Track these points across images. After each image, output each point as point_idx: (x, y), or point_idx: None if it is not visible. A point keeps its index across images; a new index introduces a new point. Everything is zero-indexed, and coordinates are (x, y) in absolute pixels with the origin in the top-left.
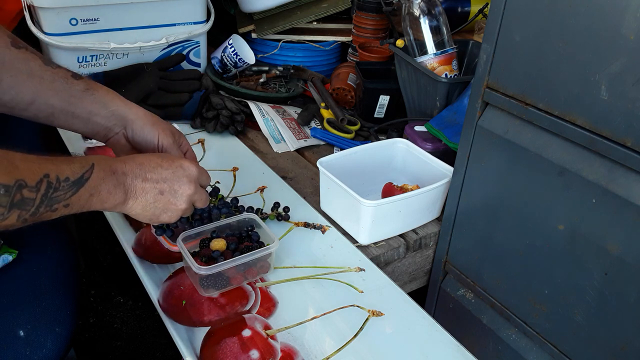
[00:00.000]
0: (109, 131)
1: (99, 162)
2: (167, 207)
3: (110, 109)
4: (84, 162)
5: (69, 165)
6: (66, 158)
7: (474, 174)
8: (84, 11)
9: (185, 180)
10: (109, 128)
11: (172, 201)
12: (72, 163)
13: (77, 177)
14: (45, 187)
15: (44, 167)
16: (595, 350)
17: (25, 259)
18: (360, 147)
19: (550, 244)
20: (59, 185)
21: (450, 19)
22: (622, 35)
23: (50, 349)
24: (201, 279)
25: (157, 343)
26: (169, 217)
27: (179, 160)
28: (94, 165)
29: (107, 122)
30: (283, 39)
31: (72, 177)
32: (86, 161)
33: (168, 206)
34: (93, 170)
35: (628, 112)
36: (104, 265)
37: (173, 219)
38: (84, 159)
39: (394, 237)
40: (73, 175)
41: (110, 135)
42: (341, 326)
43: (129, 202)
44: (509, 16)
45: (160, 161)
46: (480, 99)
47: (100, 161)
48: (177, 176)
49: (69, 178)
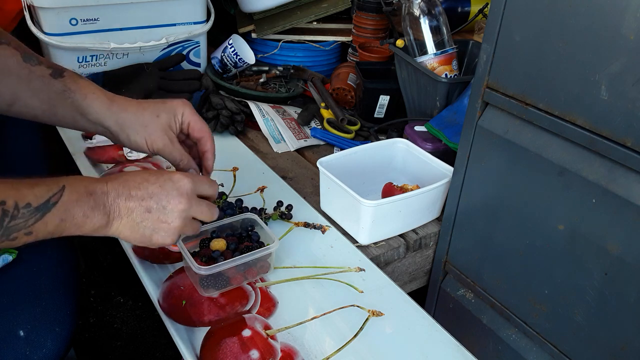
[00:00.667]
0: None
1: (73, 183)
2: (157, 226)
3: (90, 117)
4: (52, 185)
5: (31, 189)
6: (32, 181)
7: (474, 174)
8: (84, 11)
9: (176, 194)
10: (98, 132)
11: (162, 219)
12: (36, 186)
13: (42, 202)
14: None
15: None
16: (595, 350)
17: (25, 259)
18: (360, 147)
19: (550, 244)
20: (17, 213)
21: (450, 19)
22: (622, 35)
23: (50, 349)
24: (201, 279)
25: (157, 343)
26: (162, 237)
27: (169, 174)
28: (65, 187)
29: (93, 128)
30: (283, 39)
31: (34, 203)
32: (56, 183)
33: (158, 225)
34: (63, 193)
35: (628, 112)
36: (104, 265)
37: (168, 239)
38: (54, 181)
39: (394, 237)
40: (36, 201)
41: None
42: (341, 326)
43: (114, 223)
44: (509, 16)
45: (147, 176)
46: (480, 99)
47: (75, 182)
48: (166, 190)
49: (30, 204)
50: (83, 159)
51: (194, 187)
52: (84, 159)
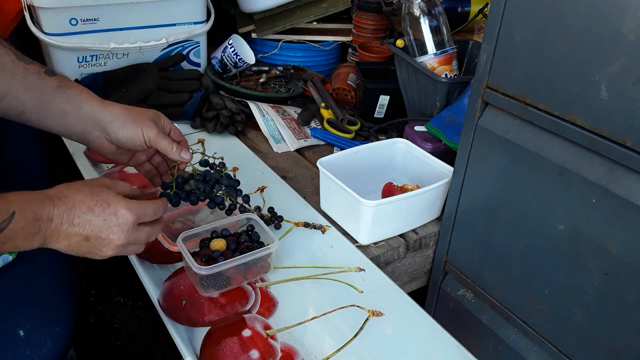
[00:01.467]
0: (87, 133)
1: (23, 209)
2: (91, 251)
3: (83, 110)
4: (2, 209)
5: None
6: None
7: (474, 174)
8: (84, 11)
9: (117, 229)
10: (86, 130)
11: (98, 247)
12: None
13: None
14: None
15: None
16: (595, 350)
17: (25, 259)
18: (360, 147)
19: (550, 244)
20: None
21: (450, 19)
22: (622, 35)
23: (50, 349)
24: (201, 279)
25: (157, 343)
26: (94, 256)
27: (115, 206)
28: (15, 214)
29: (82, 125)
30: (283, 39)
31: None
32: (6, 208)
33: (92, 250)
34: (12, 220)
35: (628, 112)
36: (104, 265)
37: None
38: (5, 204)
39: (394, 237)
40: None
41: (90, 138)
42: (341, 326)
43: (50, 244)
44: (509, 16)
45: (94, 205)
46: (480, 99)
47: (24, 207)
48: (107, 225)
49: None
50: (83, 159)
51: (136, 220)
52: (84, 159)
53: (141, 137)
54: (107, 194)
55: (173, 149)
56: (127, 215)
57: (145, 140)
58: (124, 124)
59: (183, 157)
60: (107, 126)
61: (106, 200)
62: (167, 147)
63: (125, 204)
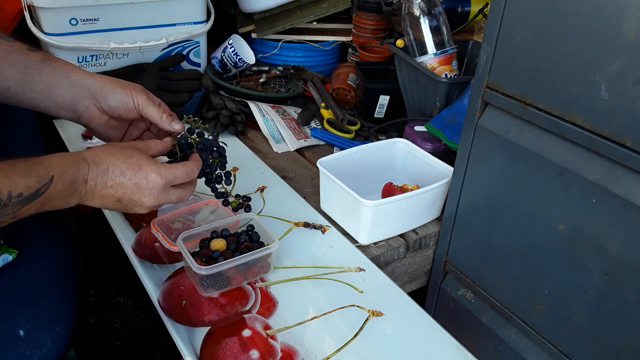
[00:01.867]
0: (76, 104)
1: (61, 173)
2: (125, 209)
3: (71, 79)
4: (42, 175)
5: (24, 180)
6: (24, 168)
7: (474, 174)
8: (84, 11)
9: (147, 192)
10: (75, 100)
11: (130, 207)
12: (29, 176)
13: (32, 192)
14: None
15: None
16: (595, 350)
17: (25, 258)
18: (360, 147)
19: (550, 244)
20: (9, 202)
21: (450, 19)
22: (622, 35)
23: (50, 349)
24: (201, 279)
25: (157, 343)
26: (129, 212)
27: (146, 170)
28: (54, 178)
29: (71, 94)
30: (283, 39)
31: (25, 193)
32: (46, 173)
33: (126, 209)
34: (51, 184)
35: (628, 112)
36: (104, 265)
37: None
38: (44, 169)
39: (394, 237)
40: (27, 191)
41: (80, 110)
42: (341, 326)
43: (85, 202)
44: (509, 16)
45: (126, 168)
46: (480, 99)
47: (63, 172)
48: (139, 188)
49: (22, 194)
50: None
51: (166, 184)
52: None
53: (131, 102)
54: (139, 157)
55: (163, 117)
56: (157, 179)
57: (135, 105)
58: (113, 89)
59: (174, 127)
60: (97, 92)
61: (138, 164)
62: (156, 115)
63: (156, 169)
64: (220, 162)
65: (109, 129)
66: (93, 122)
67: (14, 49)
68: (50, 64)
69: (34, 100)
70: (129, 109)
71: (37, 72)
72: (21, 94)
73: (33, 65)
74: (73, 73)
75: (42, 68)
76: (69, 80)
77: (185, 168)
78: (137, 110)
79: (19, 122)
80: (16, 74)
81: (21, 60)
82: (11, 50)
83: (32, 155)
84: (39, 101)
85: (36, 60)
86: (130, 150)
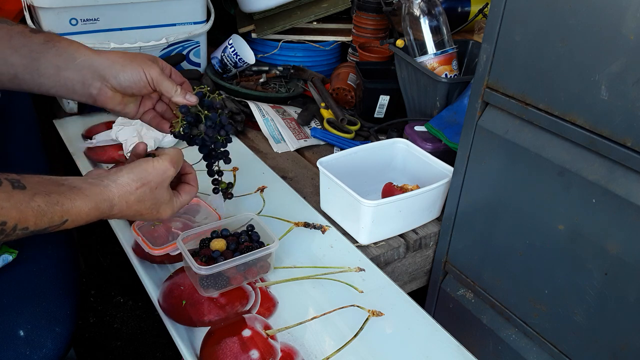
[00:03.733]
0: (88, 87)
1: (77, 219)
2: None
3: (78, 61)
4: (56, 218)
5: (36, 218)
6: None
7: (474, 174)
8: (84, 11)
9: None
10: (86, 83)
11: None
12: (43, 217)
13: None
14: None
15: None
16: (595, 350)
17: (25, 259)
18: (360, 147)
19: (550, 244)
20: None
21: (450, 19)
22: (622, 35)
23: (50, 349)
24: (201, 279)
25: (157, 343)
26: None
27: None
28: (67, 222)
29: (80, 77)
30: (283, 39)
31: (32, 228)
32: (60, 217)
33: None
34: (62, 226)
35: (628, 112)
36: (104, 265)
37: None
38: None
39: (394, 237)
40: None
41: (93, 93)
42: (341, 326)
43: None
44: (509, 16)
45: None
46: (480, 99)
47: (79, 218)
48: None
49: (28, 228)
50: (83, 159)
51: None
52: (84, 159)
53: (144, 78)
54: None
55: (177, 90)
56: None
57: (149, 81)
58: (123, 67)
59: (189, 100)
60: (106, 72)
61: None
62: (170, 88)
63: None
64: (226, 139)
65: (125, 105)
66: (109, 104)
67: (15, 33)
68: (54, 45)
69: (43, 85)
70: (142, 85)
71: (42, 56)
72: (30, 80)
73: (37, 49)
74: (79, 54)
75: (47, 51)
76: (76, 63)
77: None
78: (151, 85)
79: (19, 122)
80: (22, 60)
81: (25, 44)
82: (13, 34)
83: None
84: (49, 86)
85: (39, 43)
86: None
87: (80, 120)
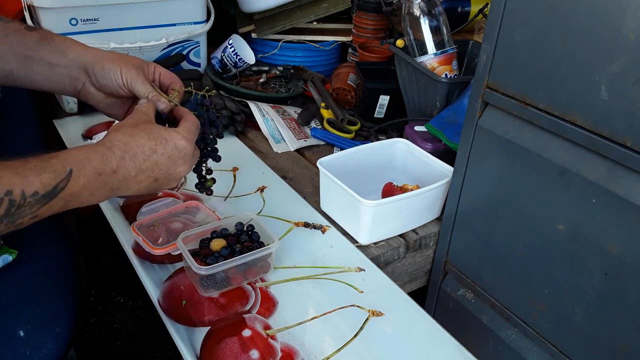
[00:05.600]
0: (75, 81)
1: (82, 165)
2: (159, 187)
3: (68, 57)
4: (59, 169)
5: (38, 177)
6: (38, 164)
7: (474, 174)
8: (84, 11)
9: (181, 162)
10: (75, 78)
11: (165, 183)
12: (43, 172)
13: (49, 189)
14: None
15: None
16: (595, 350)
17: (25, 259)
18: (360, 147)
19: (550, 244)
20: (24, 202)
21: (450, 19)
22: (622, 35)
23: (50, 349)
24: (201, 279)
25: (157, 343)
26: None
27: (173, 140)
28: (73, 171)
29: (70, 71)
30: (283, 39)
31: (41, 191)
32: (62, 167)
33: (160, 187)
34: (70, 178)
35: (628, 112)
36: (104, 265)
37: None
38: (61, 162)
39: (394, 237)
40: (43, 188)
41: (79, 88)
42: (341, 326)
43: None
44: (509, 16)
45: (154, 145)
46: (480, 99)
47: (84, 164)
48: (172, 160)
49: (38, 192)
50: None
51: (192, 144)
52: None
53: (119, 79)
54: (157, 128)
55: (149, 96)
56: (186, 144)
57: (124, 82)
58: (103, 65)
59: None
60: (89, 68)
61: (161, 136)
62: (142, 92)
63: (179, 134)
64: (217, 135)
65: (109, 105)
66: (90, 100)
67: (11, 31)
68: (48, 43)
69: (36, 82)
70: (117, 85)
71: (36, 53)
72: (23, 77)
73: (32, 47)
74: (71, 50)
75: (41, 48)
76: (67, 59)
77: (190, 121)
78: (126, 86)
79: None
80: (16, 57)
81: (20, 41)
82: (9, 32)
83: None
84: (41, 83)
85: (34, 40)
86: (143, 125)
87: (80, 120)
